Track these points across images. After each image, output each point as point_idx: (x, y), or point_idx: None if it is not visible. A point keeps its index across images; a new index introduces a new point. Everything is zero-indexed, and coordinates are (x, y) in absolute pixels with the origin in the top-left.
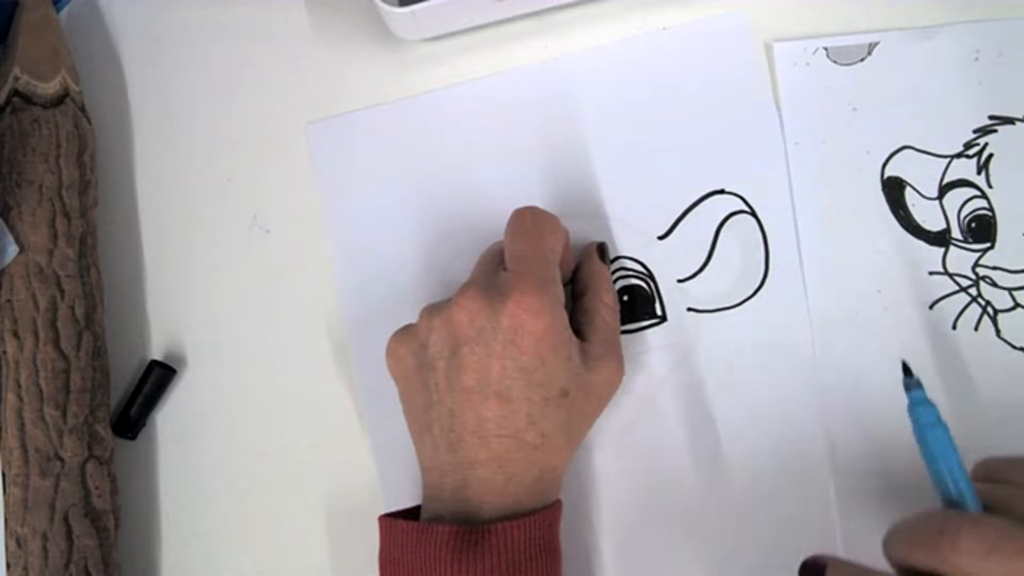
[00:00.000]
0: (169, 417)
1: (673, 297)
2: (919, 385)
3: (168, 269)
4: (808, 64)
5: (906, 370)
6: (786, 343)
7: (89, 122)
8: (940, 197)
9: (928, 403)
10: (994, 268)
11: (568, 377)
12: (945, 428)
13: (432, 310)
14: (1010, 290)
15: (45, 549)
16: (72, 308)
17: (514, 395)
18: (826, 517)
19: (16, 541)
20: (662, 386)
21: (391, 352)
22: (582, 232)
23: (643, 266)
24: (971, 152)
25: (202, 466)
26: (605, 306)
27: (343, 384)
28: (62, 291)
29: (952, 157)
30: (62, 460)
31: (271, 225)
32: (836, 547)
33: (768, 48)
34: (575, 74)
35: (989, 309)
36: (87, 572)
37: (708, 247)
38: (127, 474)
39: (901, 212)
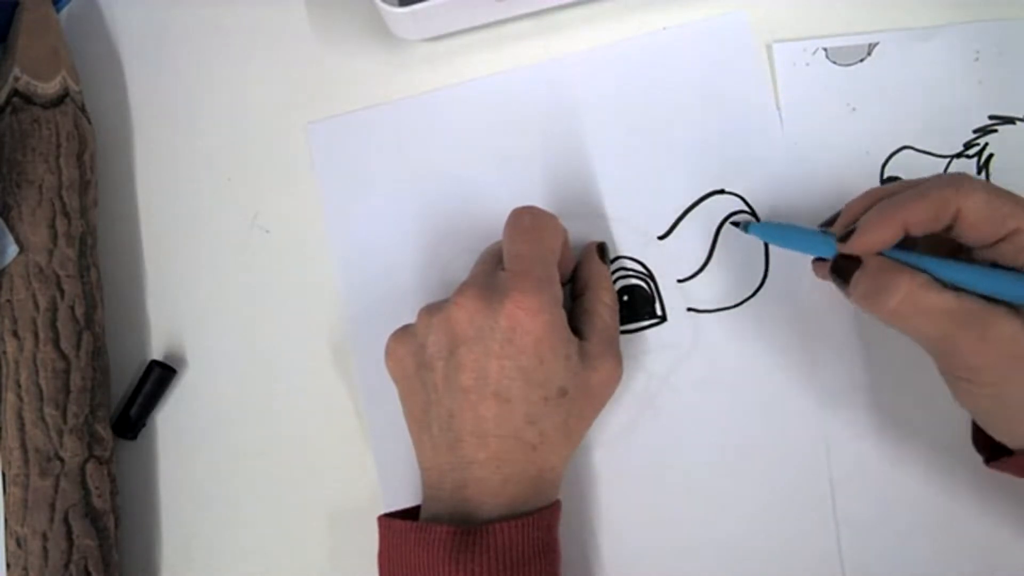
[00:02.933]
0: (169, 417)
1: (673, 297)
2: (748, 224)
3: (168, 269)
4: (808, 64)
5: (735, 225)
6: (786, 343)
7: (89, 122)
8: None
9: (760, 224)
10: None
11: (567, 376)
12: (777, 223)
13: (431, 310)
14: None
15: (45, 549)
16: (72, 308)
17: (512, 395)
18: (824, 515)
19: (16, 541)
20: (662, 386)
21: (390, 352)
22: (582, 232)
23: (643, 266)
24: (971, 152)
25: (202, 466)
26: (604, 305)
27: (343, 384)
28: (62, 291)
29: (952, 157)
30: (62, 460)
31: (271, 225)
32: (834, 542)
33: (768, 48)
34: (575, 74)
35: None
36: (87, 572)
37: (708, 247)
38: (127, 474)
39: None
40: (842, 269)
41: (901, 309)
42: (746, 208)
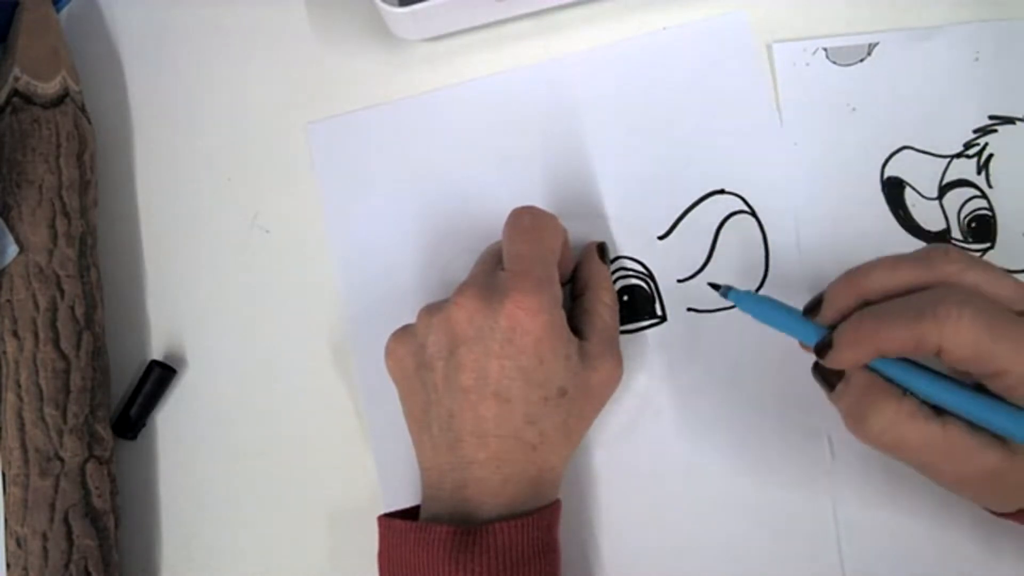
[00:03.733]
0: (169, 417)
1: (673, 297)
2: (729, 289)
3: (168, 269)
4: (808, 64)
5: (715, 287)
6: (786, 343)
7: (89, 122)
8: (940, 197)
9: (742, 294)
10: None
11: (567, 376)
12: (761, 297)
13: (431, 310)
14: None
15: (45, 549)
16: (72, 308)
17: (512, 395)
18: (825, 514)
19: (16, 541)
20: (662, 386)
21: (390, 352)
22: (582, 232)
23: (643, 266)
24: (971, 152)
25: (202, 466)
26: (604, 305)
27: (343, 384)
28: (62, 291)
29: (952, 157)
30: (62, 460)
31: (271, 225)
32: (834, 542)
33: (768, 48)
34: (575, 74)
35: None
36: (87, 572)
37: (708, 247)
38: (127, 474)
39: (901, 212)
40: (826, 373)
41: (883, 437)
42: (746, 208)
